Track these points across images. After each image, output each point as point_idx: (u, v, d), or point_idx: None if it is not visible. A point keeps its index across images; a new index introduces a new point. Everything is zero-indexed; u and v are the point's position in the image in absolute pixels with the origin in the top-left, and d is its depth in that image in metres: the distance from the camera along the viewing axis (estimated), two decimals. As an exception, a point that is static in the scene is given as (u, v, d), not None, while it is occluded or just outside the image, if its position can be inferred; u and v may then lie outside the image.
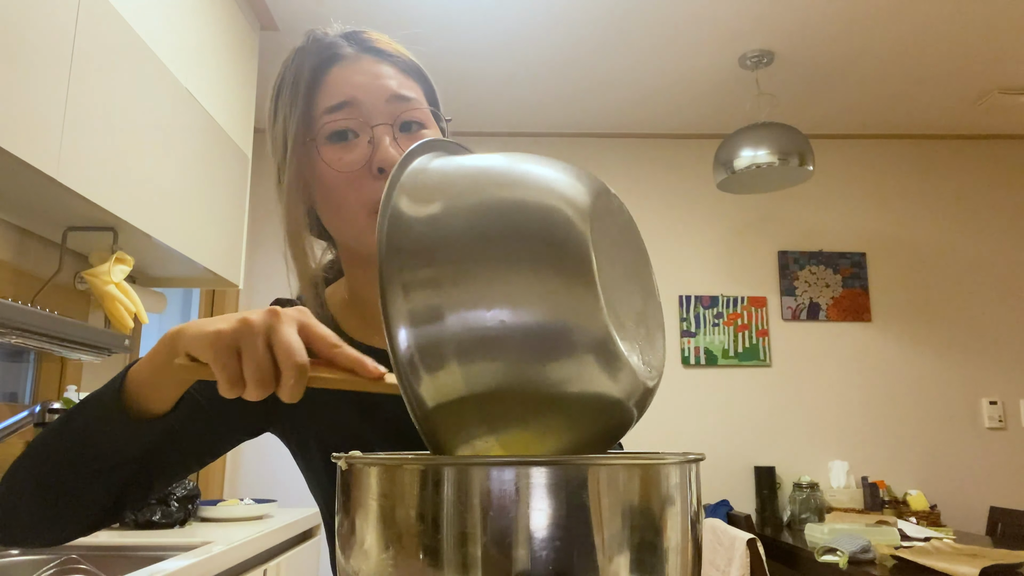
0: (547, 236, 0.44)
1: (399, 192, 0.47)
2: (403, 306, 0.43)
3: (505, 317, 0.43)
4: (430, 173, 0.49)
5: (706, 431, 3.47)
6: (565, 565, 0.39)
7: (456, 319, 0.43)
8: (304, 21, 2.64)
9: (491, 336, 0.43)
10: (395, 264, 0.44)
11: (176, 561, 1.36)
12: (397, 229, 0.45)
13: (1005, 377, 3.60)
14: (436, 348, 0.43)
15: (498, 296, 0.43)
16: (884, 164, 3.80)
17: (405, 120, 0.74)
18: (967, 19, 2.74)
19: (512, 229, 0.44)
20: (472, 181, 0.48)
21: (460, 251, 0.44)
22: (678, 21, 2.76)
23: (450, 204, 0.46)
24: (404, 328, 0.44)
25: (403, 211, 0.46)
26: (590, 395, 0.44)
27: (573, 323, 0.43)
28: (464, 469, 0.40)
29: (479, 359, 0.43)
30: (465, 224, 0.45)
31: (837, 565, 2.20)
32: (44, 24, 1.36)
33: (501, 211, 0.45)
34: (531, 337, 0.43)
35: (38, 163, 1.34)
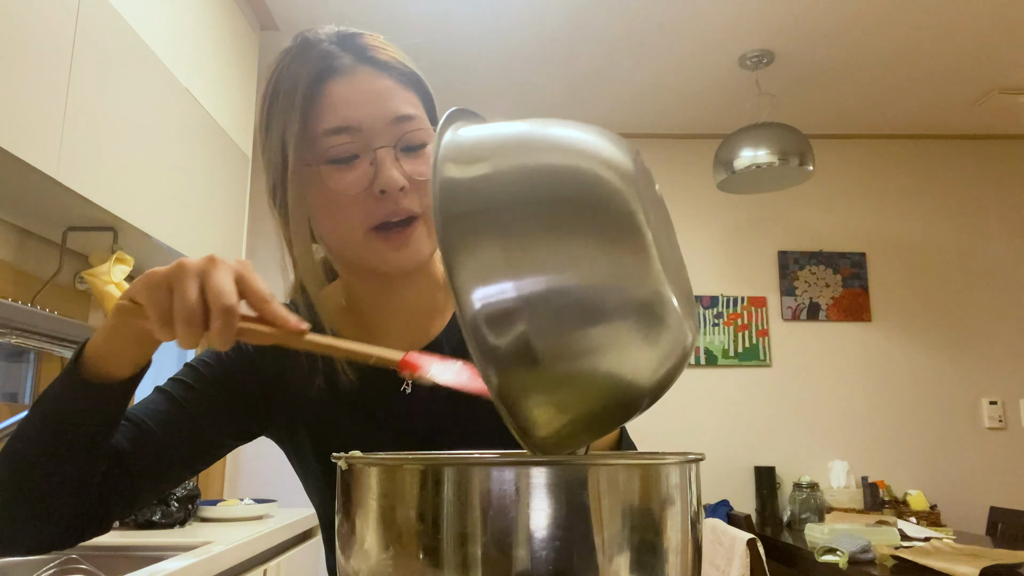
0: (601, 204, 0.44)
1: (443, 161, 0.46)
2: (469, 268, 0.42)
3: (569, 280, 0.42)
4: (467, 138, 0.49)
5: (706, 431, 3.47)
6: (565, 565, 0.39)
7: (523, 281, 0.42)
8: (304, 21, 2.64)
9: (556, 297, 0.42)
10: (458, 229, 0.43)
11: (176, 561, 1.36)
12: (452, 194, 0.44)
13: (1005, 377, 3.60)
14: (504, 310, 0.42)
15: (560, 259, 0.42)
16: (884, 164, 3.80)
17: (407, 141, 0.72)
18: (967, 19, 2.74)
19: (562, 194, 0.44)
20: (512, 144, 0.47)
21: (517, 212, 0.43)
22: (678, 21, 2.76)
23: (496, 166, 0.45)
24: (473, 289, 0.42)
25: (454, 176, 0.45)
26: (654, 350, 0.44)
27: (635, 288, 0.43)
28: (464, 469, 0.40)
29: (545, 321, 0.42)
30: (518, 185, 0.44)
31: (837, 565, 2.20)
32: (44, 24, 1.36)
33: (547, 175, 0.45)
34: (599, 299, 0.42)
35: (38, 163, 1.34)
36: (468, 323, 0.42)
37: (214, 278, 0.51)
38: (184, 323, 0.51)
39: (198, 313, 0.51)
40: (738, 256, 3.67)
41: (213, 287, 0.51)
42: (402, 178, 0.70)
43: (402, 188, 0.70)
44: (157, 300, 0.52)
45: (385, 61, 0.74)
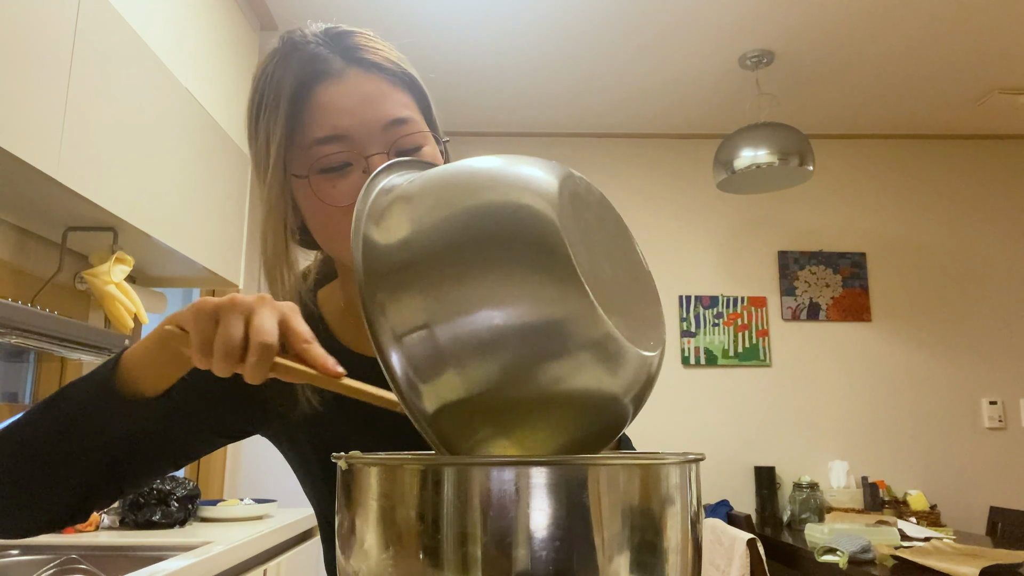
0: (518, 234, 0.44)
1: (367, 222, 0.47)
2: (388, 327, 0.44)
3: (494, 319, 0.43)
4: (393, 197, 0.49)
5: (706, 431, 3.47)
6: (565, 565, 0.39)
7: (445, 329, 0.43)
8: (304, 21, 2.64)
9: (483, 340, 0.43)
10: (374, 288, 0.44)
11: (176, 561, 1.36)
12: (371, 256, 0.45)
13: (1005, 377, 3.60)
14: (430, 361, 0.43)
15: (483, 299, 0.43)
16: (884, 164, 3.80)
17: (401, 146, 0.69)
18: (967, 19, 2.74)
19: (483, 234, 0.44)
20: (435, 195, 0.47)
21: (437, 264, 0.44)
22: (678, 21, 2.76)
23: (418, 222, 0.46)
24: (394, 348, 0.44)
25: (374, 240, 0.46)
26: (593, 384, 0.44)
27: (562, 316, 0.43)
28: (464, 469, 0.40)
29: (474, 364, 0.43)
30: (436, 238, 0.45)
31: (837, 565, 2.20)
32: (44, 24, 1.36)
33: (469, 219, 0.45)
34: (525, 335, 0.43)
35: (38, 163, 1.34)
36: (397, 383, 0.43)
37: (259, 315, 0.53)
38: (223, 354, 0.52)
39: (238, 347, 0.52)
40: (738, 256, 3.67)
41: (256, 324, 0.52)
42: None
43: None
44: (202, 329, 0.54)
45: (376, 62, 0.71)
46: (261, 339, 0.52)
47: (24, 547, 1.56)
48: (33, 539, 1.61)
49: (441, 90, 3.42)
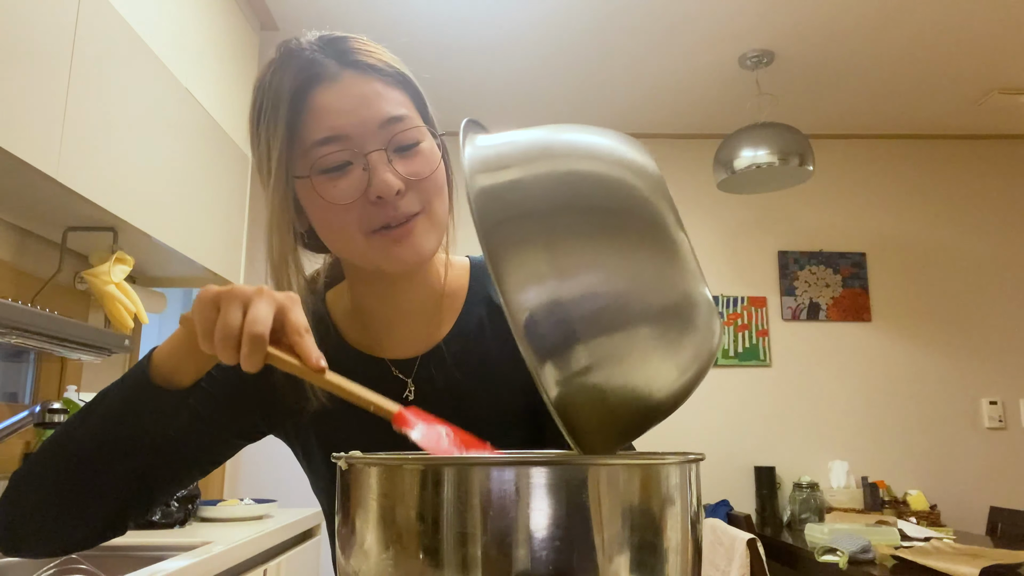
0: (635, 211, 0.46)
1: (472, 173, 0.47)
2: (516, 273, 0.43)
3: (614, 284, 0.44)
4: (489, 147, 0.50)
5: (706, 431, 3.47)
6: (565, 565, 0.39)
7: (569, 283, 0.43)
8: (304, 21, 2.64)
9: (603, 300, 0.44)
10: (499, 237, 0.44)
11: (176, 561, 1.36)
12: (488, 203, 0.46)
13: (1005, 377, 3.60)
14: (555, 313, 0.43)
15: (604, 263, 0.44)
16: (884, 164, 3.80)
17: (399, 142, 0.70)
18: (967, 20, 2.74)
19: (600, 201, 0.46)
20: (535, 151, 0.49)
21: (557, 219, 0.45)
22: (678, 21, 2.76)
23: (526, 172, 0.47)
24: (522, 293, 0.43)
25: (485, 185, 0.46)
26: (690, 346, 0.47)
27: (675, 286, 0.46)
28: (464, 469, 0.40)
29: (597, 324, 0.43)
30: (551, 191, 0.46)
31: (837, 565, 2.20)
32: (44, 24, 1.36)
33: (580, 182, 0.46)
34: (643, 300, 0.44)
35: (38, 163, 1.34)
36: (520, 330, 0.43)
37: (255, 306, 0.55)
38: (221, 341, 0.55)
39: (235, 335, 0.55)
40: (738, 256, 3.67)
41: (251, 314, 0.55)
42: (397, 181, 0.69)
43: (398, 192, 0.69)
44: (204, 316, 0.57)
45: (370, 64, 0.72)
46: (253, 329, 0.54)
47: (24, 547, 1.56)
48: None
49: (442, 91, 3.44)
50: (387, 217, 0.69)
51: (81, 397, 1.91)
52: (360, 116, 0.69)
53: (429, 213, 0.72)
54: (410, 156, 0.71)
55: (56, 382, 1.96)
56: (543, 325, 0.43)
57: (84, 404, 0.69)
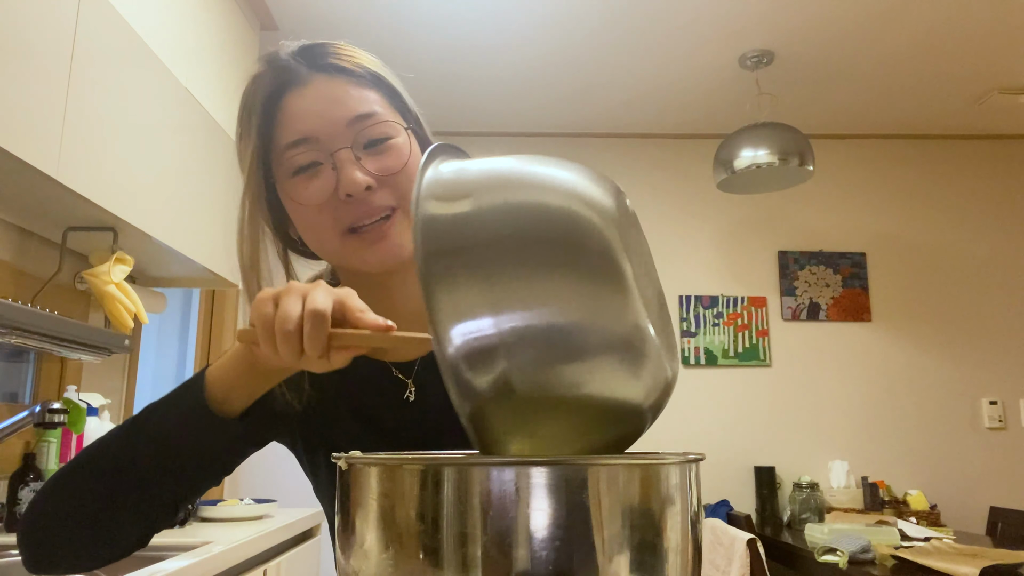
0: (581, 245, 0.45)
1: (425, 198, 0.47)
2: (450, 305, 0.44)
3: (550, 318, 0.43)
4: (448, 174, 0.49)
5: (706, 431, 3.47)
6: (565, 565, 0.39)
7: (503, 318, 0.43)
8: (304, 21, 2.64)
9: (537, 335, 0.43)
10: (438, 266, 0.44)
11: (176, 561, 1.36)
12: (432, 230, 0.45)
13: (1005, 377, 3.60)
14: (484, 347, 0.43)
15: (542, 298, 0.43)
16: (884, 164, 3.80)
17: (367, 137, 0.71)
18: (967, 19, 2.74)
19: (546, 234, 0.45)
20: (494, 182, 0.48)
21: (499, 250, 0.44)
22: (678, 21, 2.76)
23: (478, 203, 0.46)
24: (453, 326, 0.43)
25: (434, 213, 0.46)
26: (629, 387, 0.46)
27: (615, 324, 0.44)
28: (464, 469, 0.40)
29: (525, 358, 0.43)
30: (499, 223, 0.45)
31: (837, 565, 2.20)
32: (44, 24, 1.36)
33: (530, 214, 0.46)
34: (580, 336, 0.44)
35: (38, 163, 1.34)
36: (447, 361, 0.43)
37: (314, 295, 0.55)
38: (283, 333, 0.54)
39: (296, 322, 0.54)
40: (738, 256, 3.67)
41: (310, 300, 0.54)
42: (366, 177, 0.69)
43: (368, 187, 0.69)
44: (263, 312, 0.56)
45: (341, 66, 0.73)
46: (313, 307, 0.53)
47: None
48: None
49: (442, 91, 3.44)
50: (359, 214, 0.70)
51: (81, 397, 1.91)
52: (327, 117, 0.70)
53: (406, 209, 0.72)
54: (380, 152, 0.71)
55: (56, 382, 1.96)
56: (470, 359, 0.43)
57: (126, 422, 0.68)
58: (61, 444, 1.85)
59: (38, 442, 1.82)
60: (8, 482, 1.72)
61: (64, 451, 1.86)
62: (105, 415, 2.01)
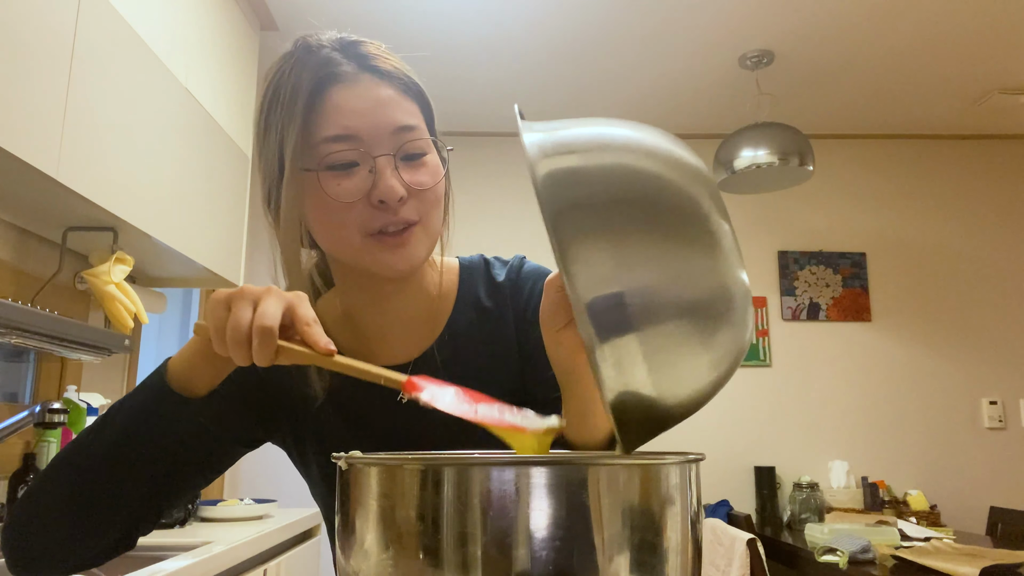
0: (698, 219, 0.47)
1: (536, 158, 0.47)
2: (588, 264, 0.43)
3: (678, 282, 0.45)
4: (547, 133, 0.50)
5: (706, 431, 3.47)
6: (565, 565, 0.39)
7: (633, 275, 0.44)
8: (304, 21, 2.64)
9: (668, 299, 0.44)
10: (568, 223, 0.44)
11: (176, 561, 1.36)
12: (555, 187, 0.45)
13: (1005, 377, 3.60)
14: (620, 311, 0.43)
15: (670, 265, 0.45)
16: (884, 164, 3.80)
17: (407, 151, 0.72)
18: (967, 19, 2.74)
19: (666, 204, 0.47)
20: (594, 143, 0.49)
21: (623, 213, 0.45)
22: (678, 21, 2.76)
23: (588, 160, 0.47)
24: (593, 277, 0.43)
25: (551, 170, 0.46)
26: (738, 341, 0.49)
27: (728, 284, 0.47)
28: (464, 469, 0.40)
29: (654, 320, 0.44)
30: (614, 183, 0.46)
31: (837, 565, 2.20)
32: (44, 24, 1.36)
33: (645, 181, 0.47)
34: (701, 298, 0.45)
35: (38, 163, 1.34)
36: (583, 311, 0.43)
37: (264, 302, 0.57)
38: (233, 339, 0.56)
39: (245, 331, 0.56)
40: (738, 256, 3.67)
41: (260, 310, 0.57)
42: (401, 188, 0.69)
43: (401, 198, 0.69)
44: (216, 317, 0.58)
45: (387, 70, 0.74)
46: (262, 323, 0.56)
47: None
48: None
49: (442, 90, 3.43)
50: (386, 221, 0.70)
51: (81, 397, 1.91)
52: (373, 119, 0.71)
53: (425, 224, 0.73)
54: (416, 166, 0.72)
55: (56, 382, 1.96)
56: (603, 313, 0.43)
57: (97, 418, 0.70)
58: (61, 444, 1.85)
59: (38, 442, 1.82)
60: (8, 482, 1.72)
61: (64, 451, 1.86)
62: (105, 415, 2.01)
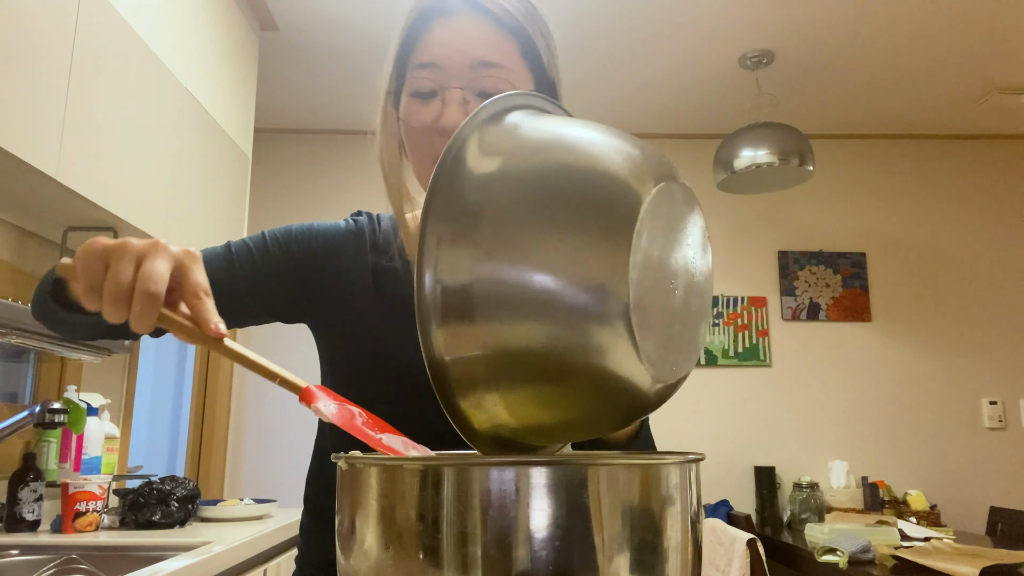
0: (591, 204, 0.44)
1: (468, 142, 0.49)
2: (435, 252, 0.45)
3: (532, 281, 0.43)
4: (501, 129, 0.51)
5: (706, 431, 3.47)
6: (565, 565, 0.39)
7: (484, 279, 0.44)
8: (304, 21, 2.64)
9: (513, 297, 0.44)
10: (441, 212, 0.46)
11: (176, 561, 1.36)
12: (451, 179, 0.47)
13: (1005, 377, 3.60)
14: (460, 300, 0.44)
15: (530, 259, 0.44)
16: (884, 164, 3.80)
17: (483, 87, 0.75)
18: (967, 19, 2.74)
19: (559, 193, 0.45)
20: (536, 143, 0.49)
21: (503, 215, 0.45)
22: (678, 21, 2.76)
23: (508, 164, 0.47)
24: (430, 273, 0.45)
25: (465, 163, 0.48)
26: (598, 370, 0.44)
27: (594, 296, 0.43)
28: (464, 469, 0.40)
29: (498, 318, 0.44)
30: (516, 186, 0.46)
31: (837, 565, 2.20)
32: (44, 24, 1.36)
33: (555, 175, 0.46)
34: (552, 302, 0.43)
35: (38, 163, 1.34)
36: (418, 296, 0.45)
37: (150, 262, 0.50)
38: (110, 299, 0.50)
39: (126, 293, 0.50)
40: (738, 256, 3.67)
41: (145, 270, 0.50)
42: (463, 119, 0.72)
43: None
44: (91, 271, 0.51)
45: (491, 9, 0.76)
46: (146, 287, 0.49)
47: (24, 547, 1.56)
48: (33, 539, 1.61)
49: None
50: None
51: (81, 397, 1.91)
52: (457, 52, 0.75)
53: None
54: None
55: (56, 382, 1.96)
56: (443, 303, 0.44)
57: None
58: (61, 444, 1.85)
59: (38, 442, 1.82)
60: (8, 482, 1.72)
61: (64, 451, 1.86)
62: (105, 415, 2.01)
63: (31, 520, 1.72)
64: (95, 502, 1.74)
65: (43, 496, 1.75)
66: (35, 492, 1.73)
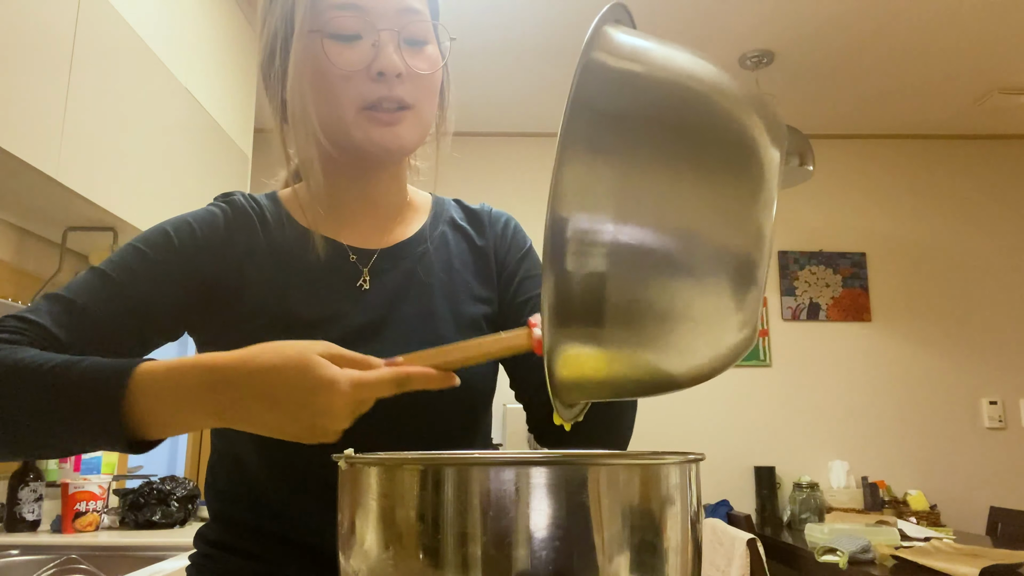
0: (743, 148, 0.42)
1: (598, 48, 0.45)
2: (581, 187, 0.41)
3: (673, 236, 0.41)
4: (624, 38, 0.48)
5: (706, 431, 3.47)
6: (565, 565, 0.39)
7: (623, 228, 0.41)
8: (304, 21, 2.64)
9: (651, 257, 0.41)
10: (584, 126, 0.42)
11: (176, 561, 1.36)
12: (592, 82, 0.43)
13: (1005, 377, 3.60)
14: (597, 246, 0.41)
15: (672, 209, 0.42)
16: (884, 164, 3.80)
17: (410, 33, 0.73)
18: (967, 19, 2.74)
19: (707, 128, 0.43)
20: (666, 61, 0.46)
21: (652, 130, 0.42)
22: (679, 21, 2.76)
23: (646, 72, 0.45)
24: (576, 210, 0.41)
25: (602, 61, 0.44)
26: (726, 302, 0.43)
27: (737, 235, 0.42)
28: (464, 469, 0.40)
29: (630, 251, 0.41)
30: (660, 97, 0.43)
31: (837, 565, 2.20)
32: (44, 24, 1.36)
33: (695, 103, 0.44)
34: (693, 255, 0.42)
35: (38, 163, 1.34)
36: (552, 244, 0.41)
37: (366, 392, 0.55)
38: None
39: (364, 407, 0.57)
40: (738, 256, 3.67)
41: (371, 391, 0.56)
42: (401, 64, 0.71)
43: (399, 74, 0.71)
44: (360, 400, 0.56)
45: None
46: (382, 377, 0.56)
47: (24, 547, 1.56)
48: (33, 539, 1.61)
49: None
50: (381, 96, 0.71)
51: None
52: None
53: (418, 111, 0.74)
54: (416, 50, 0.74)
55: (56, 382, 1.95)
56: (576, 249, 0.41)
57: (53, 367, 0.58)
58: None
59: (38, 442, 1.82)
60: (8, 482, 1.72)
61: (64, 451, 1.85)
62: (105, 415, 2.01)
63: (31, 520, 1.72)
64: (95, 502, 1.75)
65: (43, 496, 1.75)
66: (35, 492, 1.73)
